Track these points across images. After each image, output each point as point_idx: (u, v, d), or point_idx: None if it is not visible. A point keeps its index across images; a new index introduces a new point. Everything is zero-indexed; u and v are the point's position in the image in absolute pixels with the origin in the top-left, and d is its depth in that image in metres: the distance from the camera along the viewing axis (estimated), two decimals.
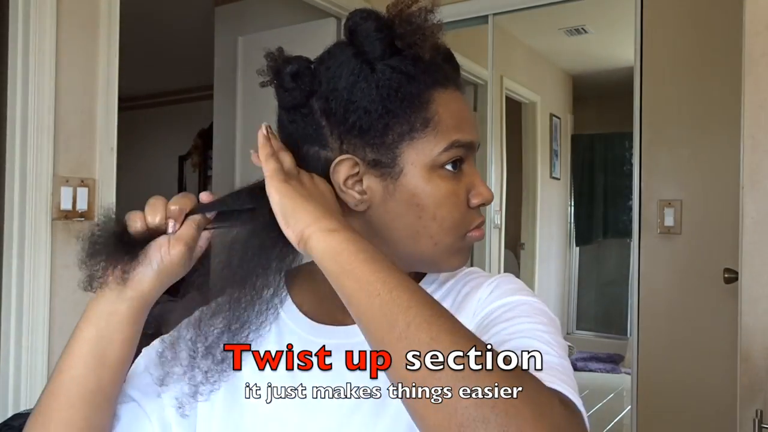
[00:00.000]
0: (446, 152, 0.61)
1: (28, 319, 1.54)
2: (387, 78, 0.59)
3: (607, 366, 3.41)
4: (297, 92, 0.62)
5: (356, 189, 0.61)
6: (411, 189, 0.60)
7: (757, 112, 1.14)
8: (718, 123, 2.06)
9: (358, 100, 0.59)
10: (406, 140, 0.60)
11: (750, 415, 1.09)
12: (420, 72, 0.60)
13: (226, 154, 3.09)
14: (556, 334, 0.57)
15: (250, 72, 3.01)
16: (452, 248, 0.63)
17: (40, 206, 1.56)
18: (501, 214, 2.98)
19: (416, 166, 0.60)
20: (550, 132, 3.42)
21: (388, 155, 0.60)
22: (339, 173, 0.61)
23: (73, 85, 1.65)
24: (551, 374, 0.49)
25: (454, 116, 0.62)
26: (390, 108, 0.59)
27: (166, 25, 4.12)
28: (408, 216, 0.61)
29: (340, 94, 0.60)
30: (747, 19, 1.16)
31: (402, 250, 0.63)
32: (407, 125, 0.60)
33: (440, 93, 0.62)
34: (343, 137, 0.61)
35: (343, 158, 0.61)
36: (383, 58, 0.60)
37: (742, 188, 1.16)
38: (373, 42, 0.59)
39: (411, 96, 0.60)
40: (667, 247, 2.17)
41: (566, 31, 3.06)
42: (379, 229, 0.63)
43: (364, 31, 0.60)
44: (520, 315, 0.58)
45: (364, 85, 0.59)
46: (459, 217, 0.62)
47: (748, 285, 1.14)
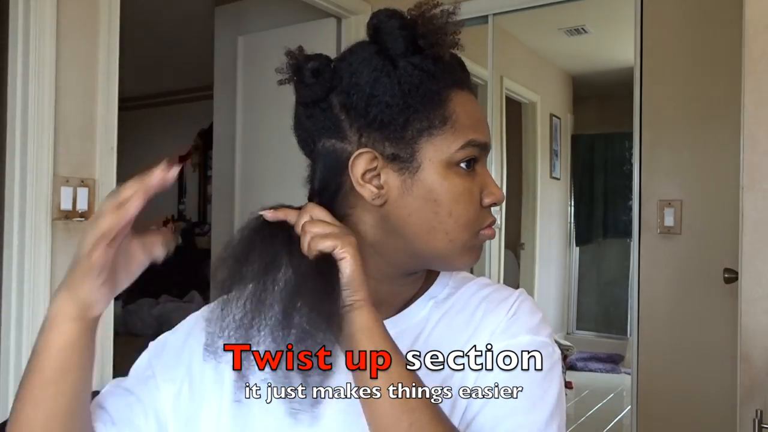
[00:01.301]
0: (462, 150, 0.62)
1: (28, 319, 1.54)
2: (409, 74, 0.61)
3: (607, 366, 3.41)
4: (317, 87, 0.63)
5: (374, 183, 0.62)
6: (428, 184, 0.62)
7: (757, 112, 1.14)
8: (718, 123, 2.06)
9: (380, 95, 0.61)
10: (425, 136, 0.62)
11: (750, 415, 1.09)
12: (440, 71, 0.62)
13: (226, 154, 3.09)
14: (548, 395, 0.61)
15: (250, 72, 3.02)
16: (466, 245, 0.64)
17: (40, 206, 1.56)
18: (501, 214, 2.98)
19: (433, 162, 0.62)
20: (550, 132, 3.42)
21: (406, 150, 0.62)
22: (357, 166, 0.62)
23: (73, 86, 1.65)
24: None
25: (470, 116, 0.63)
26: (411, 104, 0.61)
27: (166, 25, 4.12)
28: (424, 211, 0.62)
29: (362, 88, 0.61)
30: (747, 19, 1.16)
31: (417, 245, 0.63)
32: (426, 121, 0.61)
33: (456, 93, 0.63)
34: (362, 131, 0.62)
35: (362, 151, 0.62)
36: (405, 55, 0.61)
37: (742, 188, 1.16)
38: (396, 39, 0.61)
39: (431, 93, 0.61)
40: (667, 247, 2.17)
41: (566, 31, 3.06)
42: (395, 223, 0.63)
43: (388, 28, 0.62)
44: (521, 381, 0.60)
45: (386, 81, 0.61)
46: (474, 214, 0.63)
47: (748, 285, 1.14)
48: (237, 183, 2.98)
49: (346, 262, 0.57)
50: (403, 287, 0.68)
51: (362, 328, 0.56)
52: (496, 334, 0.63)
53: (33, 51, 1.55)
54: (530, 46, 3.24)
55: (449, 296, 0.69)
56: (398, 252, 0.65)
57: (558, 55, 3.42)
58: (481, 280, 0.71)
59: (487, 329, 0.64)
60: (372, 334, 0.56)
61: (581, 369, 3.41)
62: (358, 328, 0.56)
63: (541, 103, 3.34)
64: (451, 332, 0.65)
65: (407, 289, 0.69)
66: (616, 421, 2.85)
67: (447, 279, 0.71)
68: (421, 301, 0.69)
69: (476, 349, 0.62)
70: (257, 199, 2.88)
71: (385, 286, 0.67)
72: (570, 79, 3.54)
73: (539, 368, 0.60)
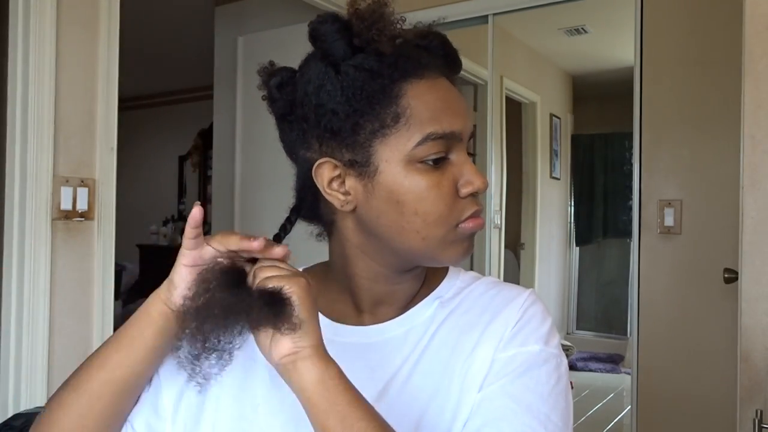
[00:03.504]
0: (422, 146, 0.59)
1: (28, 319, 1.54)
2: (351, 77, 0.59)
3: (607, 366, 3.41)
4: (281, 102, 0.63)
5: (341, 190, 0.62)
6: (389, 186, 0.60)
7: (757, 112, 1.14)
8: (718, 123, 2.06)
9: (326, 103, 0.60)
10: (378, 137, 0.60)
11: (750, 415, 1.09)
12: (385, 67, 0.59)
13: (226, 154, 3.09)
14: (552, 398, 0.59)
15: (250, 72, 3.01)
16: (444, 241, 0.61)
17: (40, 206, 1.56)
18: (501, 214, 2.98)
19: (391, 162, 0.60)
20: (550, 132, 3.42)
21: (362, 154, 0.60)
22: (322, 176, 0.62)
23: (73, 85, 1.65)
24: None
25: (429, 108, 0.60)
26: (357, 107, 0.59)
27: (166, 25, 4.12)
28: (390, 213, 0.61)
29: (309, 99, 0.61)
30: (747, 19, 1.15)
31: (394, 245, 0.63)
32: (377, 122, 0.60)
33: (412, 85, 0.60)
34: (320, 140, 0.62)
35: (321, 161, 0.61)
36: (346, 57, 0.60)
37: (742, 188, 1.16)
38: (333, 43, 0.60)
39: (376, 92, 0.59)
40: (667, 247, 2.17)
41: (566, 31, 3.06)
42: (368, 226, 0.63)
43: (323, 34, 0.60)
44: (526, 389, 0.59)
45: (330, 88, 0.59)
46: (444, 209, 0.60)
47: (748, 285, 1.14)
48: (237, 183, 2.98)
49: (292, 301, 0.53)
50: (401, 285, 0.67)
51: (312, 383, 0.53)
52: (505, 341, 0.62)
53: (33, 51, 1.55)
54: (530, 46, 3.23)
55: (456, 295, 0.68)
56: (382, 252, 0.64)
57: (558, 55, 3.42)
58: (489, 279, 0.70)
59: (495, 334, 0.62)
60: (324, 389, 0.52)
61: (581, 369, 3.41)
62: (309, 382, 0.53)
63: (541, 103, 3.34)
64: (457, 334, 0.64)
65: (407, 287, 0.68)
66: (616, 421, 2.85)
67: (455, 278, 0.70)
68: (427, 300, 0.68)
69: (482, 359, 0.61)
70: (257, 199, 2.88)
71: (381, 286, 0.66)
72: (570, 79, 3.54)
73: (547, 383, 0.59)
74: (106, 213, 1.71)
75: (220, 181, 3.20)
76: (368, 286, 0.66)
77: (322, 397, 0.52)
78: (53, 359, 1.60)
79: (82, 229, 1.67)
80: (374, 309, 0.67)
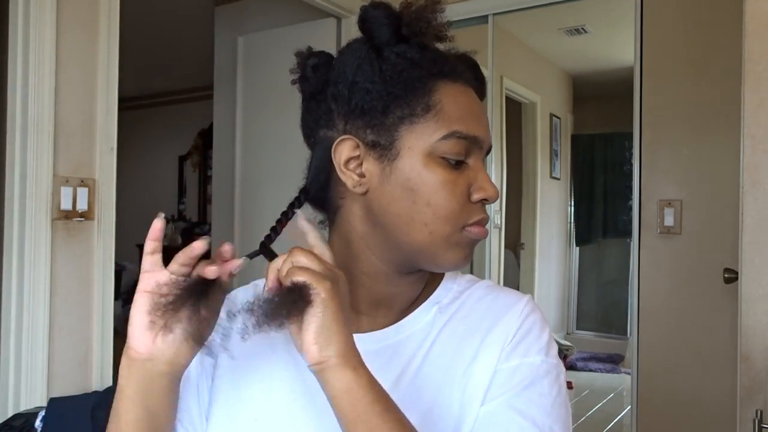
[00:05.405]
0: (446, 141, 0.61)
1: (28, 319, 1.54)
2: (392, 62, 0.61)
3: (607, 366, 3.41)
4: (314, 80, 0.65)
5: (356, 171, 0.62)
6: (406, 173, 0.61)
7: (757, 112, 1.14)
8: (718, 123, 2.06)
9: (361, 81, 0.61)
10: (406, 124, 0.61)
11: (750, 415, 1.09)
12: (425, 60, 0.62)
13: (226, 154, 3.09)
14: (554, 407, 0.60)
15: (250, 72, 3.02)
16: (449, 240, 0.62)
17: (40, 206, 1.56)
18: (501, 214, 2.98)
19: (414, 150, 0.61)
20: (550, 132, 3.42)
21: (386, 137, 0.61)
22: (340, 154, 0.62)
23: (73, 85, 1.65)
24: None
25: (459, 108, 0.62)
26: (391, 90, 0.61)
27: (166, 25, 4.12)
28: (403, 200, 0.61)
29: (346, 76, 0.62)
30: (747, 19, 1.16)
31: (398, 237, 0.62)
32: (408, 108, 0.61)
33: (446, 84, 0.63)
34: (347, 118, 0.63)
35: (343, 138, 0.62)
36: (390, 44, 0.62)
37: (742, 188, 1.16)
38: (380, 28, 0.61)
39: (413, 81, 0.61)
40: (667, 247, 2.17)
41: (566, 31, 3.06)
42: (377, 213, 0.63)
43: (373, 17, 0.62)
44: (528, 398, 0.60)
45: (368, 68, 0.61)
46: (456, 207, 0.61)
47: (748, 285, 1.14)
48: (237, 183, 2.98)
49: (316, 305, 0.52)
50: (402, 288, 0.67)
51: (341, 391, 0.52)
52: (507, 351, 0.62)
53: (33, 51, 1.55)
54: (530, 46, 3.24)
55: (454, 300, 0.68)
56: (385, 245, 0.64)
57: (558, 55, 3.43)
58: (485, 282, 0.70)
59: (495, 343, 0.63)
60: (353, 399, 0.52)
61: (581, 369, 3.41)
62: (337, 390, 0.52)
63: (541, 103, 3.34)
64: (457, 341, 0.64)
65: (407, 291, 0.67)
66: (616, 421, 2.85)
67: (452, 283, 0.70)
68: (425, 306, 0.67)
69: (483, 370, 0.61)
70: (257, 199, 2.88)
71: (381, 287, 0.66)
72: (570, 79, 3.54)
73: (549, 395, 0.60)
74: (106, 213, 1.71)
75: (220, 181, 3.20)
76: (368, 284, 0.66)
77: (350, 406, 0.52)
78: (53, 359, 1.60)
79: (82, 229, 1.67)
80: (372, 311, 0.67)
